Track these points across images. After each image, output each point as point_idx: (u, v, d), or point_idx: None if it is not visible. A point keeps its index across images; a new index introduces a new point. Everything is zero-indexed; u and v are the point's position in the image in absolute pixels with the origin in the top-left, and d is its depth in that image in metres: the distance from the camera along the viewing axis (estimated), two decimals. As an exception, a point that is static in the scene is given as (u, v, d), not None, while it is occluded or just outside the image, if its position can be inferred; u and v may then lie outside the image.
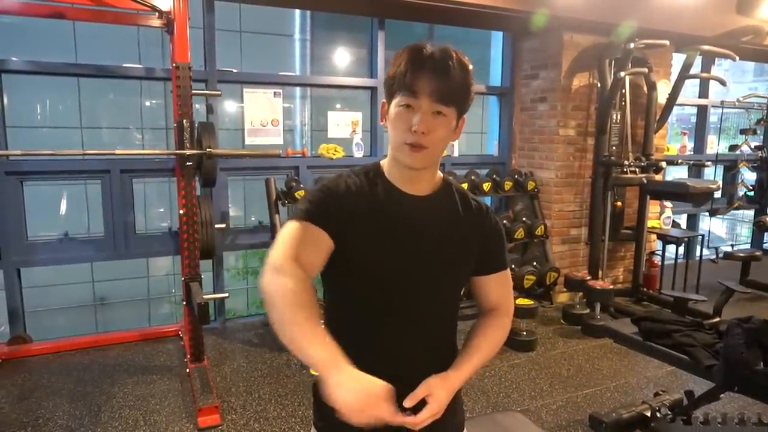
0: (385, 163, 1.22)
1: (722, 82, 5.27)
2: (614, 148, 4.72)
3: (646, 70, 4.66)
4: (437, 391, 1.11)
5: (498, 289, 1.30)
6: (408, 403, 1.09)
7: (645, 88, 4.84)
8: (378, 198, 1.16)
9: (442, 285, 1.22)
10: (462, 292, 1.36)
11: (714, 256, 5.12)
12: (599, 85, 4.69)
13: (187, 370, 3.31)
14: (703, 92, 6.20)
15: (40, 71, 3.87)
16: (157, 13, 3.19)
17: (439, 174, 1.24)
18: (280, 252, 1.06)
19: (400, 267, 1.16)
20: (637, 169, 4.63)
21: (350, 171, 1.21)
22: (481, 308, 1.33)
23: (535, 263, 4.69)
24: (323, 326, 1.05)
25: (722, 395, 2.37)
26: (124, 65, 4.15)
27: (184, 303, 3.44)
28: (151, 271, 9.86)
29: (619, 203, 4.89)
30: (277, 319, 1.01)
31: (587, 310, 4.31)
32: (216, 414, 2.83)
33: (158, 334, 3.97)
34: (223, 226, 4.07)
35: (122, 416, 2.86)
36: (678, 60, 5.10)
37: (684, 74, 4.91)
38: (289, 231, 1.10)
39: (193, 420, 2.82)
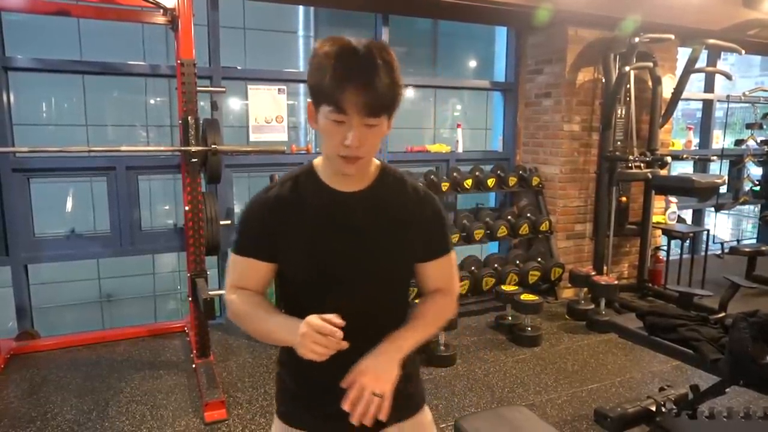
0: (318, 163, 1.21)
1: (728, 77, 5.23)
2: (619, 143, 4.71)
3: (651, 64, 4.64)
4: (362, 364, 1.11)
5: (440, 274, 1.29)
6: (344, 384, 1.10)
7: (650, 83, 4.82)
8: (308, 201, 1.17)
9: (385, 279, 1.22)
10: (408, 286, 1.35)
11: (719, 252, 5.10)
12: (604, 80, 4.67)
13: (194, 366, 3.33)
14: (709, 86, 6.17)
15: (45, 69, 3.89)
16: (161, 10, 3.20)
17: (375, 162, 1.22)
18: (227, 285, 1.24)
19: (335, 266, 1.17)
20: (642, 164, 4.62)
21: (279, 179, 1.23)
22: (423, 291, 1.32)
23: (539, 259, 4.69)
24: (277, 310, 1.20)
25: (728, 389, 2.37)
26: (129, 62, 4.16)
27: (190, 299, 3.46)
28: (157, 268, 9.90)
29: (624, 198, 4.89)
30: (247, 328, 1.20)
31: (592, 306, 4.31)
32: (222, 409, 2.85)
33: (164, 330, 4.00)
34: (229, 222, 4.08)
35: (129, 411, 2.88)
36: (683, 54, 5.08)
37: (689, 68, 4.89)
38: (229, 262, 1.24)
39: (199, 415, 2.84)
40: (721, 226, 10.38)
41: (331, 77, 1.01)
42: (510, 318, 4.08)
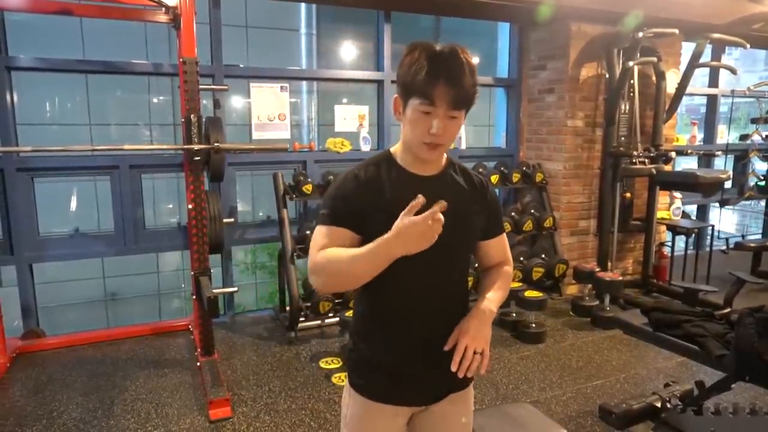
0: (396, 151, 1.36)
1: (733, 71, 5.20)
2: (623, 138, 4.68)
3: (655, 59, 4.61)
4: (464, 323, 1.31)
5: (501, 248, 1.49)
6: (446, 347, 1.28)
7: (654, 78, 4.80)
8: (392, 181, 1.30)
9: (457, 253, 1.36)
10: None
11: (724, 247, 5.08)
12: (607, 75, 4.65)
13: (198, 364, 3.34)
14: (713, 81, 6.13)
15: (48, 68, 3.90)
16: (163, 9, 3.20)
17: (443, 154, 1.37)
18: (312, 252, 1.27)
19: None
20: (646, 160, 4.60)
21: (360, 164, 1.34)
22: (485, 266, 1.51)
23: (543, 255, 4.68)
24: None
25: (733, 385, 2.36)
26: (132, 61, 4.16)
27: (194, 297, 3.47)
28: (161, 267, 9.94)
29: (628, 194, 4.87)
30: (335, 272, 1.23)
31: (596, 302, 4.29)
32: (227, 406, 2.86)
33: (169, 329, 4.01)
34: (232, 220, 4.09)
35: (134, 409, 2.89)
36: (687, 49, 5.05)
37: (694, 63, 4.85)
38: (318, 233, 1.29)
39: (204, 412, 2.85)
40: (725, 221, 10.32)
41: (426, 74, 1.18)
42: (514, 314, 4.07)
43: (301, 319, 3.87)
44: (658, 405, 2.71)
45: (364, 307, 1.40)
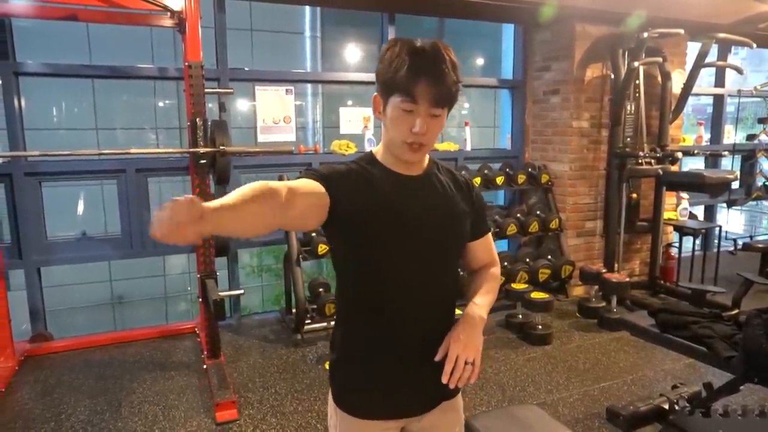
0: (377, 151, 1.30)
1: (739, 71, 5.17)
2: (629, 139, 4.67)
3: (660, 59, 4.59)
4: (454, 331, 1.25)
5: (487, 249, 1.46)
6: (437, 357, 1.23)
7: (659, 78, 4.78)
8: (377, 179, 1.25)
9: (448, 254, 1.33)
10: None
11: (732, 248, 5.04)
12: (612, 76, 4.63)
13: (204, 366, 3.35)
14: (720, 81, 6.10)
15: (55, 73, 3.93)
16: (168, 13, 3.22)
17: (426, 155, 1.34)
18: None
19: (406, 240, 1.24)
20: (652, 161, 4.58)
21: (345, 162, 1.30)
22: (472, 268, 1.47)
23: (549, 257, 4.66)
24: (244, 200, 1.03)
25: (742, 387, 2.34)
26: (138, 65, 4.19)
27: (200, 300, 3.48)
28: (167, 270, 9.99)
29: (634, 195, 4.85)
30: None
31: (603, 304, 4.28)
32: (233, 409, 2.86)
33: (175, 331, 4.02)
34: (237, 223, 4.09)
35: (142, 411, 2.91)
36: (693, 49, 5.03)
37: (699, 63, 4.84)
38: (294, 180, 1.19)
39: (211, 415, 2.86)
40: (733, 222, 10.26)
41: (407, 70, 1.13)
42: (520, 316, 4.06)
43: (307, 321, 3.88)
44: (666, 407, 2.70)
45: (353, 312, 1.32)
